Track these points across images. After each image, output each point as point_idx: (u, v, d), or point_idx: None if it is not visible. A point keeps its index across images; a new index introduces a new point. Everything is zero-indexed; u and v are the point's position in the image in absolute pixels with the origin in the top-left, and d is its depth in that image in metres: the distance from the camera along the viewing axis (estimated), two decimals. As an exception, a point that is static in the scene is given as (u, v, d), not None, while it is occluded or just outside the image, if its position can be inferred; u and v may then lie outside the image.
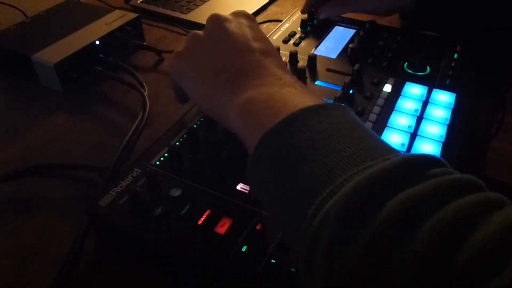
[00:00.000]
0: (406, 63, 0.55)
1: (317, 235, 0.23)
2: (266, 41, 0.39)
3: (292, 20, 0.66)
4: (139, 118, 0.50)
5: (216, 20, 0.39)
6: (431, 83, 0.52)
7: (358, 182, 0.23)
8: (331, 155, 0.25)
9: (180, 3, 0.81)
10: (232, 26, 0.38)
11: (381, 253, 0.21)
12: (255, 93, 0.33)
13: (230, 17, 0.40)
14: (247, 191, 0.37)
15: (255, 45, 0.37)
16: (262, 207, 0.36)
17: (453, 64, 0.55)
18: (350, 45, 0.58)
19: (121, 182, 0.38)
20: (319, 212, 0.23)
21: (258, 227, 0.34)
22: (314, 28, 0.64)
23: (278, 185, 0.27)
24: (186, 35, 0.67)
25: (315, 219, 0.23)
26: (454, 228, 0.20)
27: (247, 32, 0.38)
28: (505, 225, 0.20)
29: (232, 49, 0.37)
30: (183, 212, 0.36)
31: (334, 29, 0.64)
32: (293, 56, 0.56)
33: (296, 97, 0.31)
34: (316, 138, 0.27)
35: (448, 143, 0.43)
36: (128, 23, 0.64)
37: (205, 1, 0.82)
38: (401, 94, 0.50)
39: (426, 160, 0.24)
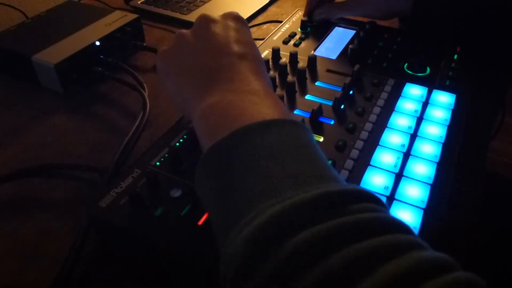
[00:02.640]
0: (406, 64, 0.55)
1: (229, 264, 0.23)
2: (249, 44, 0.37)
3: (292, 21, 0.66)
4: (139, 119, 0.50)
5: (203, 20, 0.39)
6: (431, 84, 0.52)
7: (267, 216, 0.22)
8: (259, 179, 0.25)
9: (180, 4, 0.81)
10: (217, 28, 0.37)
11: None
12: (218, 98, 0.32)
13: (218, 18, 0.39)
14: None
15: (234, 48, 0.36)
16: None
17: (453, 65, 0.55)
18: (350, 46, 0.58)
19: (121, 182, 0.38)
20: (233, 241, 0.23)
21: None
22: (314, 29, 0.64)
23: (214, 200, 0.27)
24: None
25: (230, 247, 0.23)
26: (341, 277, 0.19)
27: (231, 34, 0.37)
28: (388, 277, 0.19)
29: (211, 51, 0.36)
30: (183, 212, 0.36)
31: (334, 30, 0.64)
32: (293, 57, 0.56)
33: (256, 107, 0.30)
34: (252, 159, 0.26)
35: (448, 144, 0.43)
36: (128, 24, 0.64)
37: (205, 2, 0.82)
38: (401, 95, 0.50)
39: (350, 194, 0.23)
